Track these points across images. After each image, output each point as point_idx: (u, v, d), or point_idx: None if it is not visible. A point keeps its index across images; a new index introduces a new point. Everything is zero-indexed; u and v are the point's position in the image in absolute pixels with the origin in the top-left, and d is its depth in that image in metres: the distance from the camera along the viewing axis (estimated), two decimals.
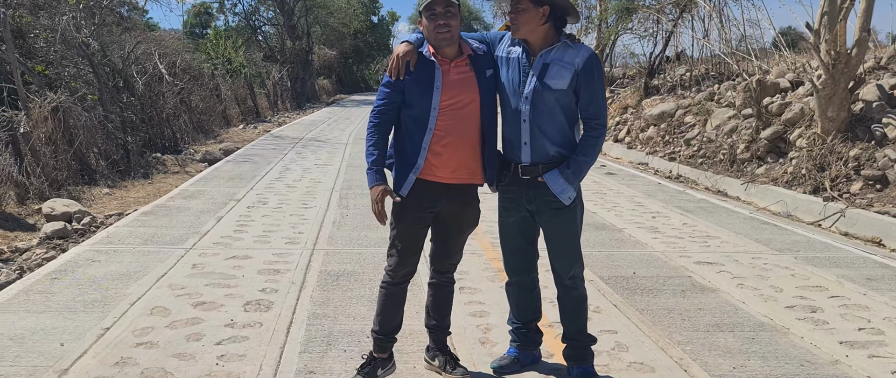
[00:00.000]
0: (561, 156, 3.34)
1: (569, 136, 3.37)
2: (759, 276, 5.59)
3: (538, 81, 3.30)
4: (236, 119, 22.27)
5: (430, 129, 3.30)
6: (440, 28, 3.24)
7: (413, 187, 3.34)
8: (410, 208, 3.38)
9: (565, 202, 3.33)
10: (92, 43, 12.36)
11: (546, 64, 3.31)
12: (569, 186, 3.31)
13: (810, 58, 11.66)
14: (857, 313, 4.75)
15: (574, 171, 3.31)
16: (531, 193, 3.39)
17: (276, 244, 6.30)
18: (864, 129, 8.92)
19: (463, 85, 3.33)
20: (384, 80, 3.39)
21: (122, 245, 6.16)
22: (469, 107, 3.34)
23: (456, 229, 3.53)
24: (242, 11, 39.19)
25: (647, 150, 13.65)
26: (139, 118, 13.39)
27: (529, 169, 3.36)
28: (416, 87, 3.30)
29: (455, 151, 3.33)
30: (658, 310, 4.76)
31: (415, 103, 3.31)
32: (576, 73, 3.27)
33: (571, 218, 3.42)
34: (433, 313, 3.67)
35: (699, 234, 7.14)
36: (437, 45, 3.29)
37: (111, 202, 8.81)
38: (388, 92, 3.34)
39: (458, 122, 3.32)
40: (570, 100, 3.32)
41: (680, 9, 17.58)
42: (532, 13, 3.26)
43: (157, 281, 5.11)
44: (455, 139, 3.32)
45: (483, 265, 5.76)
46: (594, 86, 3.31)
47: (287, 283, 5.14)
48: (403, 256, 3.46)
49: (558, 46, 3.33)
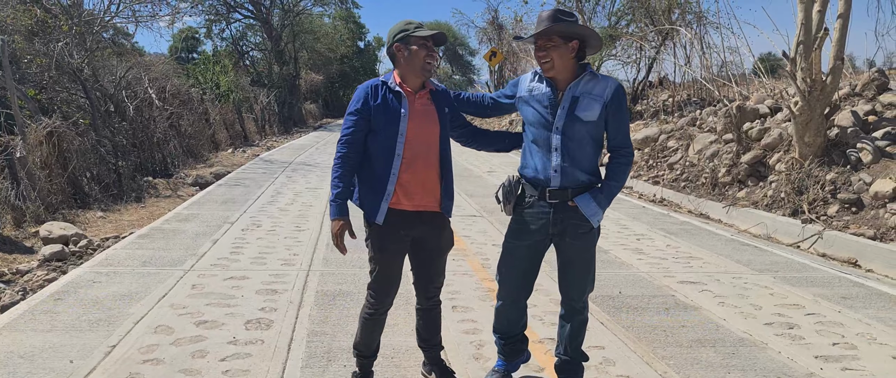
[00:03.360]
0: (589, 181, 3.47)
1: (594, 163, 3.49)
2: (739, 295, 5.82)
3: (569, 114, 3.39)
4: (225, 143, 22.41)
5: (398, 155, 3.40)
6: (431, 58, 3.42)
7: (387, 216, 3.42)
8: (390, 238, 3.46)
9: (594, 224, 3.45)
10: (85, 68, 12.51)
11: (576, 97, 3.41)
12: (600, 210, 3.43)
13: (788, 84, 12.04)
14: (832, 329, 4.98)
15: (606, 196, 3.44)
16: (558, 217, 3.47)
17: (272, 265, 6.46)
18: (840, 154, 9.24)
19: (427, 116, 3.47)
20: (350, 109, 3.46)
21: (121, 267, 6.29)
22: (432, 137, 3.48)
23: (437, 251, 3.63)
24: (230, 36, 39.47)
25: (632, 174, 13.94)
26: (130, 142, 13.53)
27: (559, 193, 3.44)
28: (384, 115, 3.40)
29: (421, 179, 3.44)
30: (643, 326, 4.97)
31: (382, 130, 3.40)
32: (605, 104, 3.39)
33: (593, 242, 3.55)
34: (425, 334, 3.80)
35: (682, 255, 7.37)
36: (423, 74, 3.43)
37: (106, 225, 8.94)
38: (355, 119, 3.42)
39: (423, 150, 3.45)
40: (599, 130, 3.44)
41: (662, 36, 18.05)
42: (563, 49, 3.36)
43: (159, 301, 5.26)
44: (421, 166, 3.44)
45: (474, 285, 5.94)
46: (622, 116, 3.45)
47: (285, 303, 5.30)
48: (388, 286, 3.55)
49: (585, 79, 3.43)
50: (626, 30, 19.28)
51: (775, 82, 14.44)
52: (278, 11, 39.46)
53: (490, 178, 14.24)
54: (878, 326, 5.08)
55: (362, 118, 3.42)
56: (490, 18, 36.35)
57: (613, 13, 19.78)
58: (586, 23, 20.62)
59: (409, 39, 3.40)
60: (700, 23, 17.36)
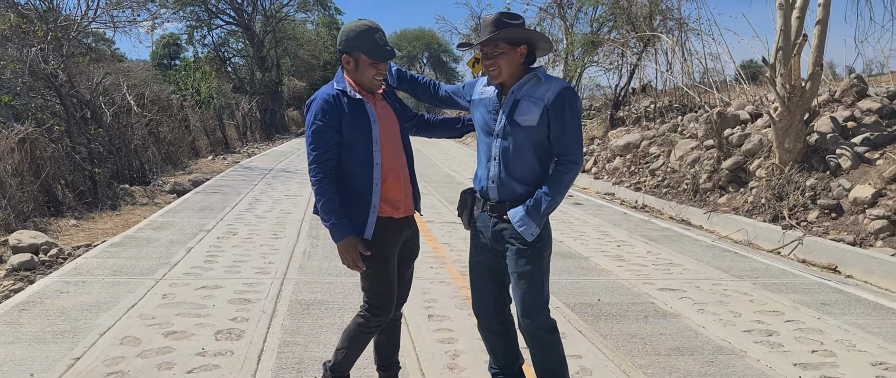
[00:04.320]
0: (530, 194, 3.17)
1: (539, 174, 3.19)
2: (719, 302, 5.77)
3: (508, 119, 3.16)
4: (205, 150, 22.20)
5: (376, 164, 3.23)
6: (380, 75, 3.23)
7: (377, 227, 3.24)
8: (389, 249, 3.30)
9: (527, 238, 3.13)
10: (60, 74, 12.32)
11: (517, 100, 3.16)
12: (531, 222, 3.11)
13: (768, 90, 12.08)
14: (811, 336, 4.94)
15: (535, 207, 3.11)
16: (498, 231, 3.24)
17: (246, 274, 6.34)
18: (820, 160, 9.25)
19: (388, 119, 3.34)
20: (316, 126, 3.16)
21: (90, 276, 6.15)
22: (396, 139, 3.36)
23: (410, 259, 3.51)
24: (212, 43, 39.19)
25: (614, 181, 13.92)
26: (107, 149, 13.32)
27: (497, 206, 3.24)
28: (356, 127, 3.20)
29: (398, 184, 3.32)
30: (621, 335, 4.90)
31: (355, 141, 3.20)
32: (545, 108, 3.10)
33: (537, 259, 3.19)
34: (387, 350, 3.58)
35: (662, 261, 7.32)
36: (370, 87, 3.25)
37: (78, 234, 8.76)
38: (325, 137, 3.16)
39: (394, 155, 3.32)
40: (543, 136, 3.14)
41: (644, 43, 18.09)
42: (511, 55, 3.14)
43: (127, 311, 5.13)
44: (397, 172, 3.31)
45: (451, 293, 5.85)
46: (565, 121, 3.11)
47: (258, 312, 5.18)
48: (392, 298, 3.35)
49: (530, 81, 3.19)
50: (608, 36, 19.30)
51: (757, 89, 14.49)
52: (260, 18, 39.25)
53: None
54: (858, 333, 5.04)
55: (331, 131, 3.17)
56: (473, 25, 36.36)
57: (595, 19, 19.83)
58: (568, 29, 20.69)
59: (358, 53, 3.19)
60: (681, 29, 17.42)
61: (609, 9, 18.94)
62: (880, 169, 8.45)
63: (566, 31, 20.67)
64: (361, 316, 3.36)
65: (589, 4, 19.39)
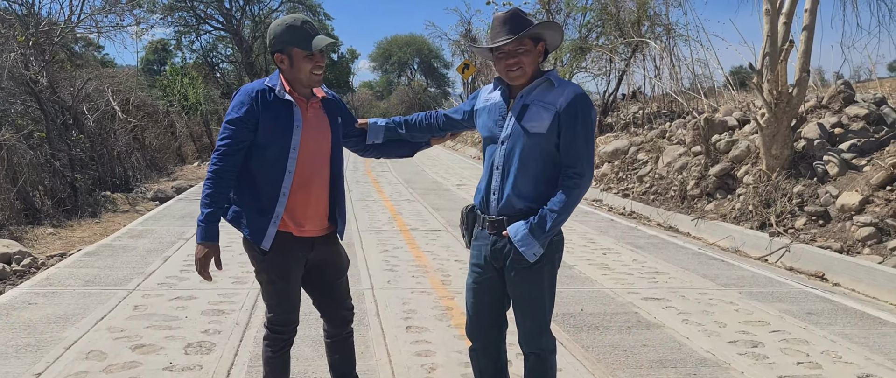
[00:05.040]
0: (529, 209, 2.91)
1: (542, 190, 2.91)
2: (703, 312, 5.67)
3: (516, 124, 2.91)
4: (192, 156, 22.03)
5: (289, 172, 2.99)
6: (318, 69, 3.02)
7: (276, 240, 3.01)
8: (290, 265, 3.08)
9: (529, 258, 2.88)
10: (40, 80, 12.15)
11: (526, 105, 2.91)
12: (534, 242, 2.86)
13: (755, 97, 12.02)
14: (797, 347, 4.83)
15: (539, 225, 2.84)
16: (498, 249, 2.98)
17: (222, 284, 6.18)
18: (807, 166, 9.18)
19: (319, 127, 3.11)
20: (231, 117, 2.96)
21: (61, 287, 5.99)
22: (324, 150, 3.13)
23: (335, 272, 3.28)
24: (200, 48, 39.03)
25: (602, 187, 13.83)
26: (88, 156, 13.15)
27: (495, 222, 2.97)
28: (273, 126, 2.97)
29: (314, 200, 3.09)
30: (603, 347, 4.78)
31: (270, 143, 2.97)
32: (557, 114, 2.84)
33: (540, 280, 2.96)
34: (343, 368, 3.40)
35: (648, 270, 7.22)
36: (309, 84, 3.05)
37: (55, 242, 8.59)
38: (235, 129, 2.93)
39: (315, 167, 3.08)
40: (552, 145, 2.88)
41: (632, 49, 18.05)
42: (534, 53, 2.91)
43: (96, 324, 4.97)
44: (314, 185, 3.08)
45: (432, 304, 5.72)
46: (577, 130, 2.85)
47: (231, 325, 5.04)
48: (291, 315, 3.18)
49: (541, 85, 2.94)
50: (596, 42, 19.26)
51: (744, 95, 14.45)
52: (249, 24, 39.13)
53: (459, 192, 14.06)
54: (844, 344, 4.94)
55: (246, 128, 2.94)
56: (463, 31, 36.36)
57: (584, 25, 19.77)
58: None
59: (292, 49, 2.97)
60: (669, 35, 17.38)
61: (597, 15, 18.91)
62: (867, 175, 8.39)
63: None
64: (266, 338, 3.20)
65: (577, 10, 19.36)
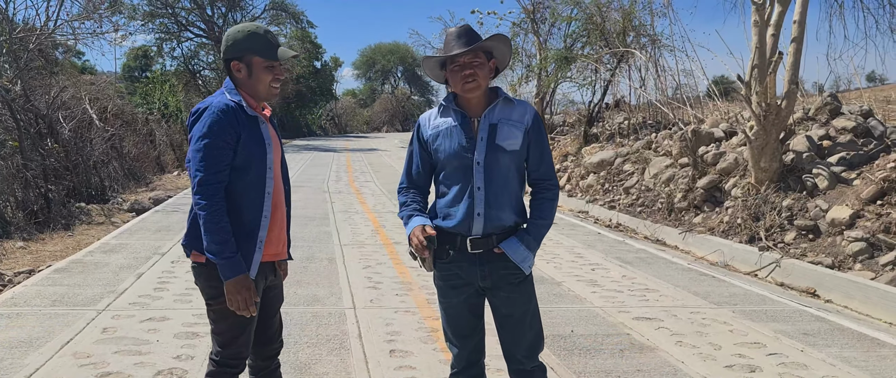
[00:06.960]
0: (516, 223, 2.99)
1: (520, 201, 3.03)
2: (697, 333, 5.48)
3: (490, 144, 2.93)
4: (171, 165, 21.64)
5: (268, 193, 2.84)
6: (277, 82, 2.88)
7: None
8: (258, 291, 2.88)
9: (526, 271, 2.95)
10: (12, 88, 11.82)
11: (494, 124, 2.95)
12: (530, 254, 2.94)
13: (742, 108, 11.93)
14: (795, 372, 4.65)
15: (535, 237, 2.95)
16: (486, 269, 2.95)
17: (197, 304, 5.92)
18: (796, 180, 9.06)
19: (276, 144, 2.96)
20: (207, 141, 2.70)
21: (27, 307, 5.70)
22: (280, 167, 3.01)
23: (278, 303, 3.12)
24: (181, 55, 38.59)
25: (588, 199, 13.68)
26: (63, 166, 12.79)
27: (481, 241, 2.93)
28: (255, 147, 2.81)
29: (280, 218, 2.95)
30: (596, 372, 4.58)
31: (252, 165, 2.81)
32: (526, 130, 2.96)
33: (531, 290, 3.02)
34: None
35: (638, 287, 7.04)
36: (266, 96, 2.88)
37: (24, 257, 8.28)
38: (220, 155, 2.70)
39: (279, 185, 2.96)
40: (522, 160, 3.00)
41: (617, 58, 17.96)
42: (486, 68, 2.95)
43: (61, 348, 4.70)
44: (281, 204, 2.96)
45: (416, 324, 5.50)
46: (544, 144, 3.02)
47: (205, 348, 4.78)
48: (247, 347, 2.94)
49: (500, 104, 2.99)
50: (581, 52, 19.15)
51: (729, 105, 14.38)
52: None
53: None
54: (844, 367, 4.76)
55: (229, 152, 2.73)
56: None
57: (569, 35, 19.65)
58: (542, 45, 20.52)
59: (253, 56, 2.81)
60: (654, 46, 17.32)
61: (582, 25, 18.80)
62: (858, 189, 8.27)
63: (540, 47, 20.49)
64: (209, 373, 2.93)
65: (562, 20, 19.24)
